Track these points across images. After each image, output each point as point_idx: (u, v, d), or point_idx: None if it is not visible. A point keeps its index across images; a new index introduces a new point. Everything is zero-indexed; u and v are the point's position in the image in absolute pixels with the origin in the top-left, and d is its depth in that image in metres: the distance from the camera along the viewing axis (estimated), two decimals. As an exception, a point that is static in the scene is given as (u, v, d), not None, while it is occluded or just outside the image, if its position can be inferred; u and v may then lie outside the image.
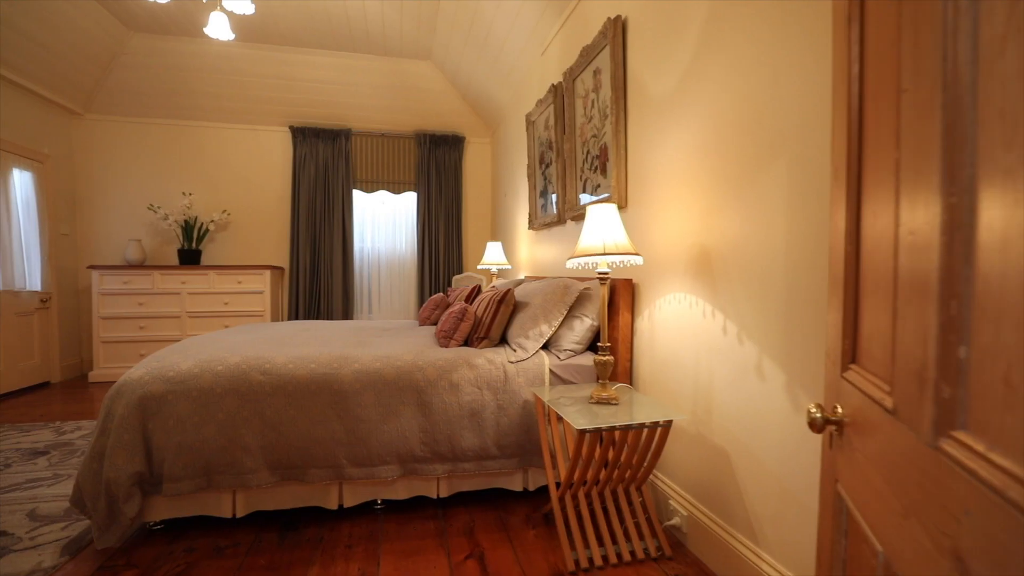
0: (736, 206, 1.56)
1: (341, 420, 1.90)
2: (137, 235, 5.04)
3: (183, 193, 5.07)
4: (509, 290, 2.30)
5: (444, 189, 5.59)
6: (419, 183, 5.53)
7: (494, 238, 5.56)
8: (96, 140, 4.98)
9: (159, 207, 4.96)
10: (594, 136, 2.66)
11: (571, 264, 1.83)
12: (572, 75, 2.90)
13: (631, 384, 2.21)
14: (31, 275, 4.35)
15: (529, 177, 3.89)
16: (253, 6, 2.55)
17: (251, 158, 5.30)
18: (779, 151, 1.38)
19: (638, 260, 1.76)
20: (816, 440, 1.24)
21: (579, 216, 2.85)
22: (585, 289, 2.22)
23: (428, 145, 5.53)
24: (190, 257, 4.88)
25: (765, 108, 1.43)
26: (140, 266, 4.63)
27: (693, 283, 1.78)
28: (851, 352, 0.77)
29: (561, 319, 2.21)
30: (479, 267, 4.29)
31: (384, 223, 5.62)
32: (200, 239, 4.99)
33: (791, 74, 1.34)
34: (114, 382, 4.49)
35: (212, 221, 5.10)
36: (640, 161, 2.20)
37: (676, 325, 1.89)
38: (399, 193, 5.58)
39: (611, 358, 1.82)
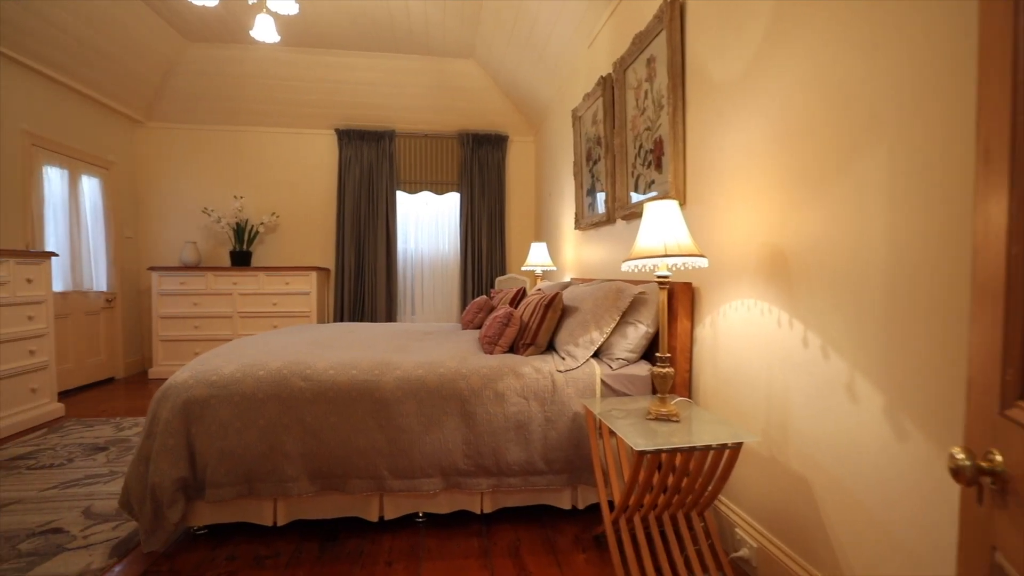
0: (820, 202, 1.36)
1: (382, 429, 1.83)
2: (193, 237, 5.23)
3: (235, 196, 5.22)
4: (557, 294, 2.17)
5: (487, 189, 5.52)
6: (462, 183, 5.47)
7: (538, 239, 5.43)
8: (156, 147, 5.20)
9: (213, 210, 5.12)
10: (647, 129, 2.49)
11: (626, 267, 1.68)
12: (623, 65, 2.74)
13: (690, 398, 2.03)
14: (98, 276, 4.58)
15: (575, 175, 3.74)
16: (297, 5, 2.53)
17: (299, 161, 5.40)
18: (876, 136, 1.18)
19: (703, 263, 1.59)
20: (944, 484, 1.04)
21: (630, 215, 2.69)
22: (640, 293, 2.06)
23: (471, 145, 5.47)
24: (241, 259, 5.01)
25: (857, 87, 1.24)
26: (195, 267, 4.79)
27: (765, 288, 1.60)
28: (1019, 384, 0.59)
29: (613, 325, 2.05)
30: (523, 268, 4.17)
31: (427, 224, 5.60)
32: (250, 241, 5.12)
33: (892, 45, 1.14)
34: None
35: (262, 223, 5.22)
36: (700, 154, 2.02)
37: (744, 334, 1.70)
38: (442, 194, 5.54)
39: (671, 370, 1.66)
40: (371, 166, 5.34)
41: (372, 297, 5.30)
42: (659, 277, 1.64)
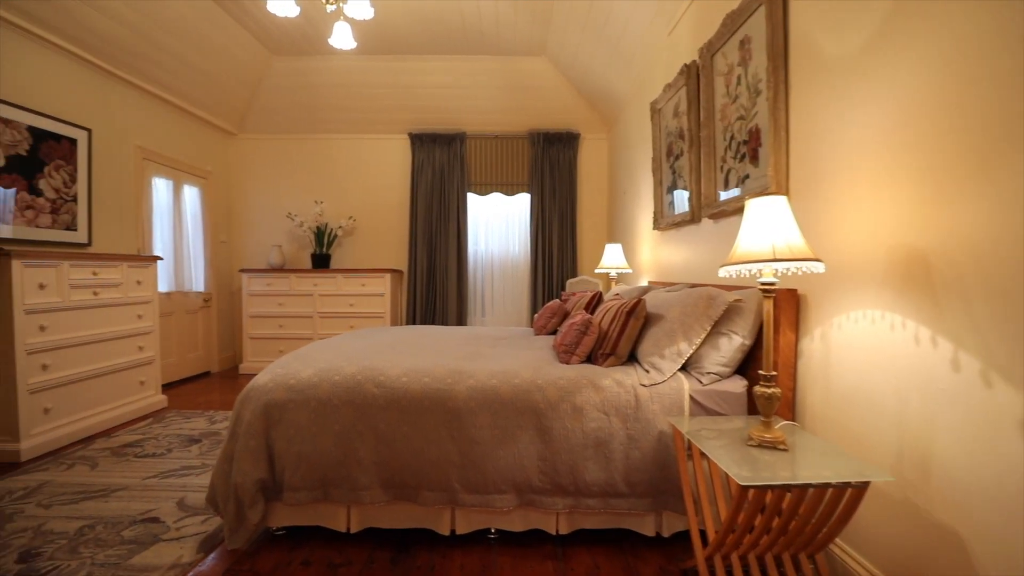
0: (979, 193, 1.11)
1: (455, 441, 1.76)
2: (278, 241, 5.54)
3: (315, 201, 5.46)
4: (640, 300, 2.00)
5: (558, 189, 5.38)
6: (532, 184, 5.38)
7: (611, 239, 5.22)
8: (246, 157, 5.56)
9: (296, 215, 5.39)
10: (740, 118, 2.25)
11: (725, 272, 1.49)
12: (711, 50, 2.51)
13: (793, 420, 1.79)
14: (196, 278, 4.95)
15: (654, 172, 3.52)
16: (372, 9, 2.54)
17: (374, 166, 5.56)
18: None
19: (818, 267, 1.37)
20: None
21: (719, 214, 2.45)
22: (736, 301, 1.85)
23: (542, 144, 5.36)
24: (321, 261, 5.23)
25: (1042, 49, 0.99)
26: (279, 269, 5.06)
27: (896, 298, 1.35)
28: None
29: (704, 336, 1.86)
30: (596, 271, 4.00)
31: (497, 226, 5.56)
32: (330, 244, 5.33)
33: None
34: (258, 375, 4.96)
35: (340, 227, 5.43)
36: (806, 143, 1.77)
37: (866, 351, 1.46)
38: (512, 195, 5.48)
39: (778, 391, 1.45)
40: (443, 169, 5.39)
41: (443, 299, 5.35)
42: (764, 284, 1.43)
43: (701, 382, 1.85)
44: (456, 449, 1.75)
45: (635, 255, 4.19)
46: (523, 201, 5.53)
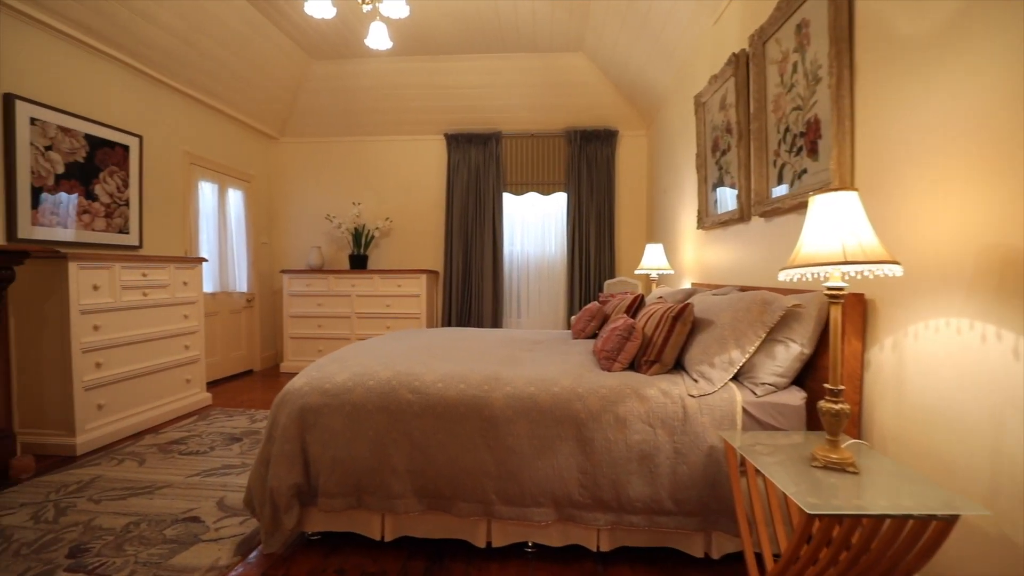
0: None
1: (491, 450, 1.69)
2: (317, 242, 5.63)
3: (353, 203, 5.53)
4: (687, 305, 1.88)
5: (595, 188, 5.26)
6: (569, 183, 5.27)
7: (651, 239, 5.05)
8: (287, 160, 5.69)
9: (334, 216, 5.47)
10: (797, 109, 2.09)
11: (785, 276, 1.36)
12: (762, 37, 2.35)
13: (859, 438, 1.64)
14: (240, 278, 5.09)
15: (698, 169, 3.36)
16: (407, 8, 2.51)
17: (410, 167, 5.58)
18: None
19: (895, 271, 1.23)
20: None
21: (771, 211, 2.29)
22: (794, 306, 1.70)
23: (578, 142, 5.25)
24: (358, 262, 5.28)
25: None
26: (318, 270, 5.14)
27: (989, 306, 1.19)
28: None
29: (758, 343, 1.72)
30: (636, 272, 3.86)
31: (533, 226, 5.48)
32: (367, 245, 5.38)
33: None
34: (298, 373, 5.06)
35: (377, 228, 5.47)
36: (874, 134, 1.61)
37: (951, 364, 1.30)
38: (548, 194, 5.39)
39: (846, 407, 1.31)
40: (478, 169, 5.35)
41: (479, 300, 5.31)
42: (831, 289, 1.30)
43: (755, 393, 1.71)
44: (492, 459, 1.69)
45: (677, 255, 4.03)
46: (559, 200, 5.43)
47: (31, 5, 2.97)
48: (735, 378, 1.80)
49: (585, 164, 5.26)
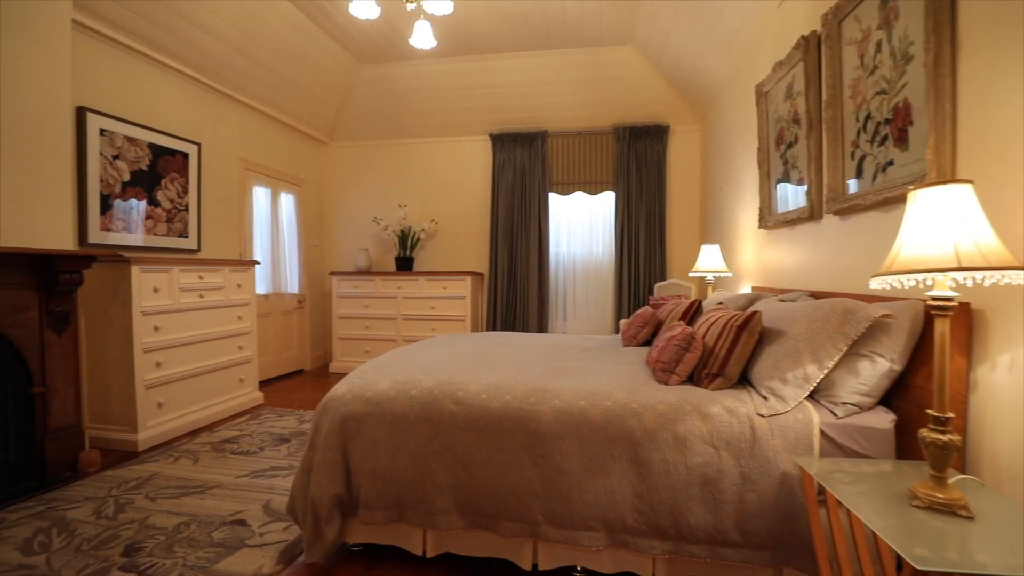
0: None
1: (538, 468, 1.58)
2: (365, 244, 5.71)
3: (399, 205, 5.56)
4: (754, 314, 1.70)
5: (645, 186, 5.05)
6: (617, 182, 5.09)
7: (705, 240, 4.79)
8: (336, 164, 5.80)
9: (381, 219, 5.52)
10: (880, 93, 1.86)
11: (879, 283, 1.18)
12: (838, 15, 2.13)
13: (963, 472, 1.41)
14: (291, 280, 5.22)
15: (759, 164, 3.12)
16: (451, 4, 2.45)
17: (455, 168, 5.55)
18: None
19: (1022, 278, 1.03)
20: None
21: (848, 209, 2.06)
22: (882, 316, 1.50)
23: (627, 139, 5.05)
24: (404, 264, 5.31)
25: None
26: (366, 272, 5.20)
27: None
28: None
29: (838, 358, 1.53)
30: (690, 274, 3.65)
31: (580, 226, 5.33)
32: (413, 247, 5.40)
33: None
34: (346, 373, 5.13)
35: (423, 230, 5.48)
36: (983, 118, 1.39)
37: (1092, 390, 1.08)
38: (596, 194, 5.22)
39: (956, 438, 1.12)
40: (523, 169, 5.26)
41: (524, 302, 5.21)
42: (937, 299, 1.11)
43: (835, 414, 1.52)
44: (539, 477, 1.58)
45: (735, 257, 3.78)
46: (607, 200, 5.25)
47: (100, 22, 3.12)
48: (811, 396, 1.61)
49: (634, 162, 5.06)
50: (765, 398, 1.58)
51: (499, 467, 1.61)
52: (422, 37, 2.72)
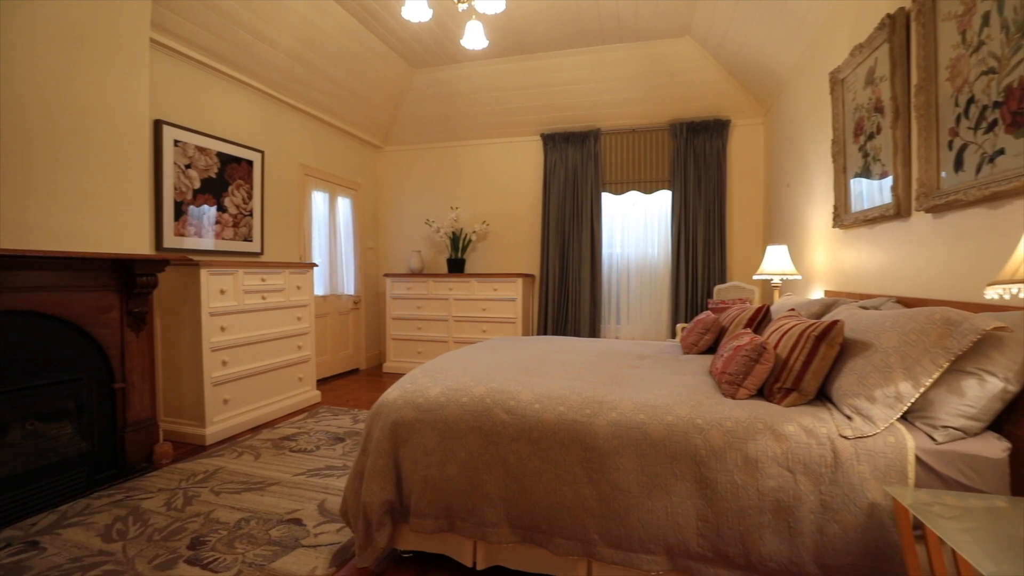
0: None
1: (593, 484, 1.50)
2: (417, 246, 5.79)
3: (451, 207, 5.60)
4: (835, 323, 1.54)
5: (703, 184, 4.81)
6: (674, 180, 4.88)
7: (770, 240, 4.51)
8: (390, 168, 5.92)
9: (433, 221, 5.58)
10: (987, 72, 1.64)
11: (994, 293, 1.02)
12: (933, -10, 1.90)
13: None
14: (348, 282, 5.37)
15: (834, 157, 2.88)
16: (503, 2, 2.40)
17: (507, 170, 5.53)
18: None
19: None
20: None
21: (943, 205, 1.84)
22: (995, 328, 1.31)
23: (684, 135, 4.84)
24: (456, 266, 5.33)
25: None
26: (418, 274, 5.26)
27: None
28: None
29: (937, 375, 1.35)
30: (755, 277, 3.43)
31: (634, 227, 5.16)
32: (464, 249, 5.42)
33: None
34: (400, 374, 5.22)
35: (474, 232, 5.49)
36: None
37: None
38: (651, 193, 5.04)
39: (1099, 476, 0.94)
40: (575, 168, 5.15)
41: (576, 305, 5.11)
42: (1074, 311, 0.94)
43: (933, 439, 1.34)
44: (595, 494, 1.49)
45: (804, 258, 3.52)
46: (663, 199, 5.05)
47: (174, 39, 3.32)
48: (903, 418, 1.43)
49: (692, 158, 4.84)
50: (849, 418, 1.42)
51: (552, 481, 1.54)
52: (474, 37, 2.70)
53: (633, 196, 5.13)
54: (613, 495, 1.48)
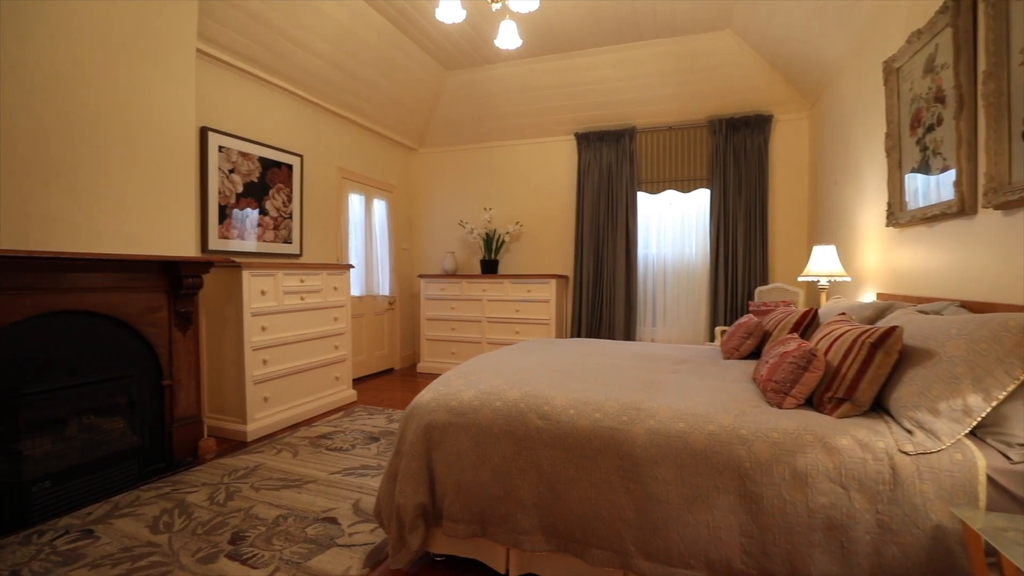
0: None
1: (630, 494, 1.45)
2: (451, 248, 5.82)
3: (484, 208, 5.61)
4: (893, 329, 1.44)
5: (744, 182, 4.65)
6: (712, 178, 4.73)
7: (816, 240, 4.30)
8: (424, 169, 5.98)
9: (466, 222, 5.60)
10: (1067, 58, 1.50)
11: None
12: (1004, -31, 1.76)
13: None
14: (383, 283, 5.45)
15: (888, 152, 2.71)
16: (537, 1, 2.37)
17: (540, 170, 5.49)
18: None
19: None
20: None
21: (1017, 202, 1.70)
22: (1080, 337, 1.19)
23: (724, 132, 4.68)
24: (489, 267, 5.33)
25: None
26: (452, 275, 5.29)
27: None
28: None
29: (1012, 387, 1.24)
30: (800, 278, 3.28)
31: (671, 226, 5.03)
32: (497, 250, 5.41)
33: None
34: (434, 374, 5.25)
35: (507, 232, 5.48)
36: None
37: None
38: (688, 192, 4.90)
39: None
40: (610, 168, 5.07)
41: (610, 307, 5.02)
42: None
43: (1008, 458, 1.23)
44: (631, 505, 1.44)
45: (854, 259, 3.34)
46: (701, 198, 4.91)
47: (218, 48, 3.43)
48: (972, 433, 1.32)
49: (731, 155, 4.68)
50: (909, 432, 1.32)
51: (587, 489, 1.50)
52: (507, 37, 2.68)
53: (669, 195, 5.00)
54: (651, 506, 1.42)
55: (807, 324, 2.28)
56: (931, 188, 2.32)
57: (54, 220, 2.35)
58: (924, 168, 2.38)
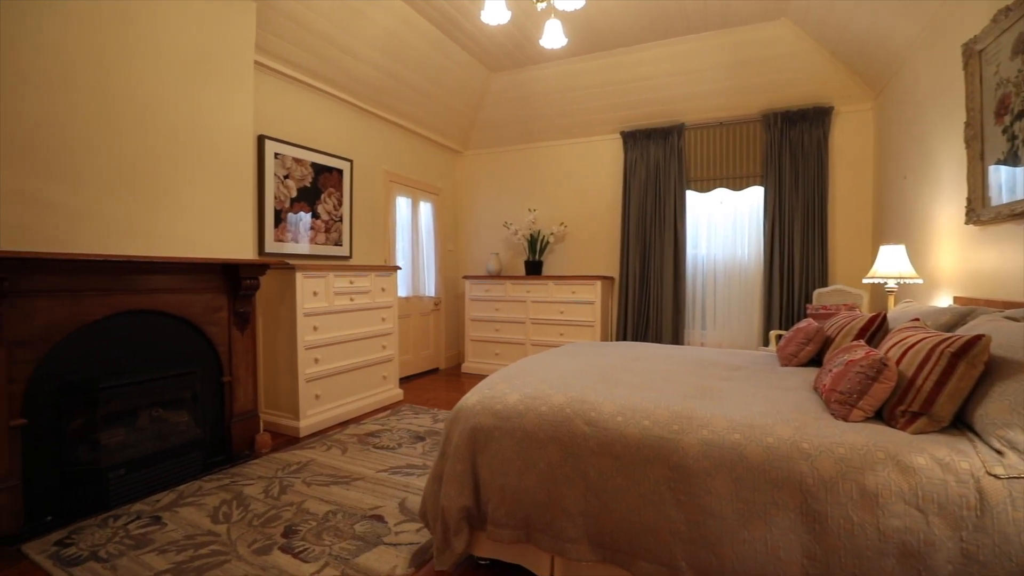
0: None
1: (681, 507, 1.39)
2: (496, 249, 5.84)
3: (528, 209, 5.59)
4: (979, 337, 1.31)
5: (801, 178, 4.41)
6: (767, 174, 4.52)
7: (882, 239, 4.03)
8: (469, 171, 6.03)
9: (511, 223, 5.60)
10: None
11: None
12: (1110, -64, 1.57)
13: None
14: (429, 284, 5.53)
15: (968, 142, 2.50)
16: (584, -1, 2.33)
17: (585, 170, 5.42)
18: None
19: None
20: None
21: None
22: None
23: (779, 126, 4.46)
24: (533, 268, 5.31)
25: None
26: (496, 276, 5.30)
27: None
28: None
29: (1124, 405, 1.10)
30: (865, 280, 3.07)
31: (721, 226, 4.84)
32: (542, 251, 5.38)
33: None
34: (479, 375, 5.29)
35: (552, 233, 5.44)
36: None
37: None
38: (740, 189, 4.70)
39: None
40: (657, 166, 4.94)
41: (658, 309, 4.89)
42: None
43: (1119, 484, 1.09)
44: (683, 518, 1.38)
45: (927, 260, 3.09)
46: (755, 196, 4.70)
47: (273, 59, 3.59)
48: (1075, 454, 1.18)
49: (788, 151, 4.45)
50: (999, 452, 1.20)
51: (635, 500, 1.45)
52: (553, 36, 2.65)
53: (720, 193, 4.82)
54: (703, 520, 1.36)
55: (874, 330, 2.13)
56: (1020, 181, 2.11)
57: (130, 226, 2.53)
58: (1012, 159, 2.17)
